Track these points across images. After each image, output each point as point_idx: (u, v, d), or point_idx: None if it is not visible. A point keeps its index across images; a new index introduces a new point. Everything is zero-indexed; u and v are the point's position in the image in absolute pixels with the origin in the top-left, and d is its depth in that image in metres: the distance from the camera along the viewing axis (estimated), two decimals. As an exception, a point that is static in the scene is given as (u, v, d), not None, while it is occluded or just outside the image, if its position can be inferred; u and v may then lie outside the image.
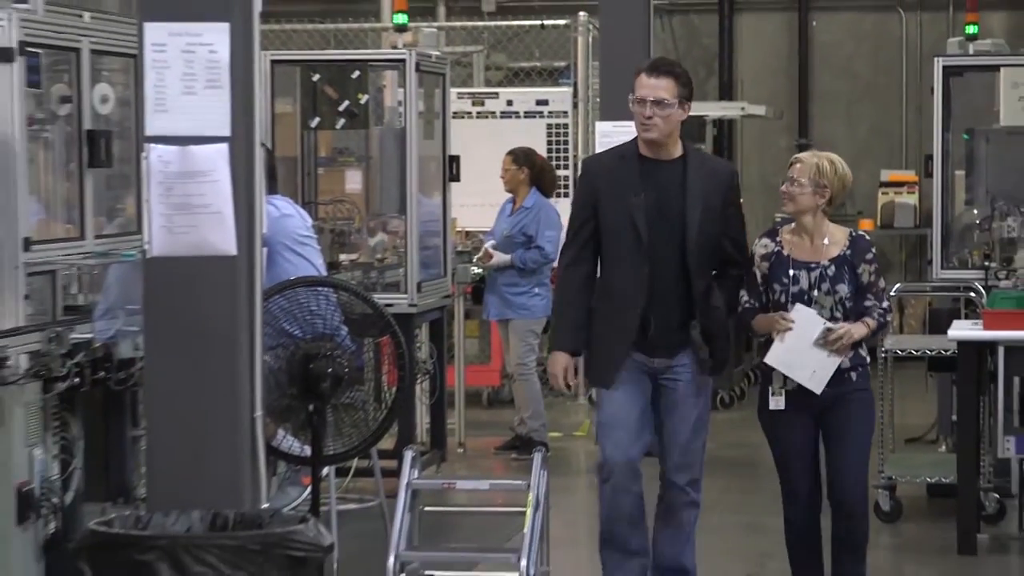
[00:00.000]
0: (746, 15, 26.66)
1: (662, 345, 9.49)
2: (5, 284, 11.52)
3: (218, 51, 8.66)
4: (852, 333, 8.87)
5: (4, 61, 11.57)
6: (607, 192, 9.56)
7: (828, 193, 9.01)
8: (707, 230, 9.36)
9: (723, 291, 9.50)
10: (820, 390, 8.94)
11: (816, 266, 8.95)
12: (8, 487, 11.28)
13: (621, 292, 9.42)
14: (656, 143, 9.47)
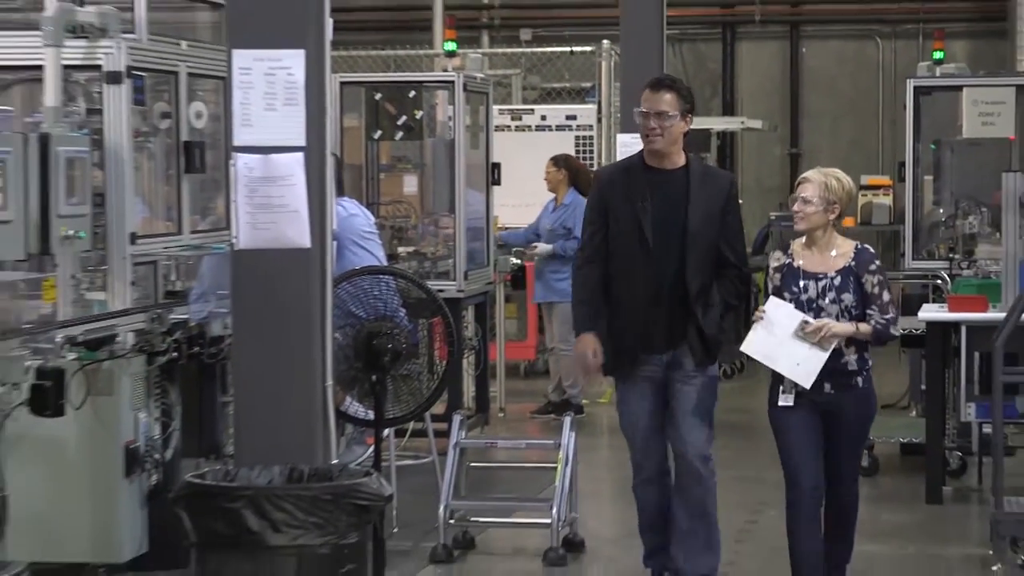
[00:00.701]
0: (745, 43, 26.59)
1: (666, 341, 9.29)
2: (115, 272, 11.56)
3: (295, 74, 8.64)
4: (831, 328, 8.55)
5: (114, 83, 11.60)
6: (616, 200, 9.36)
7: (838, 209, 8.71)
8: (707, 234, 9.17)
9: (721, 290, 9.28)
10: (809, 383, 8.57)
11: (823, 277, 8.65)
12: (117, 445, 11.31)
13: (629, 290, 9.27)
14: (660, 153, 9.29)
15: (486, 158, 18.38)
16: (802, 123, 26.08)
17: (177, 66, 12.60)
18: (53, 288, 10.91)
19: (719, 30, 26.54)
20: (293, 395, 8.82)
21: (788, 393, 8.66)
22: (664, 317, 9.27)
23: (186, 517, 8.68)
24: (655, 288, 9.23)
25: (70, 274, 11.17)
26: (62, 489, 11.07)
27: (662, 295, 9.24)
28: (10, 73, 11.60)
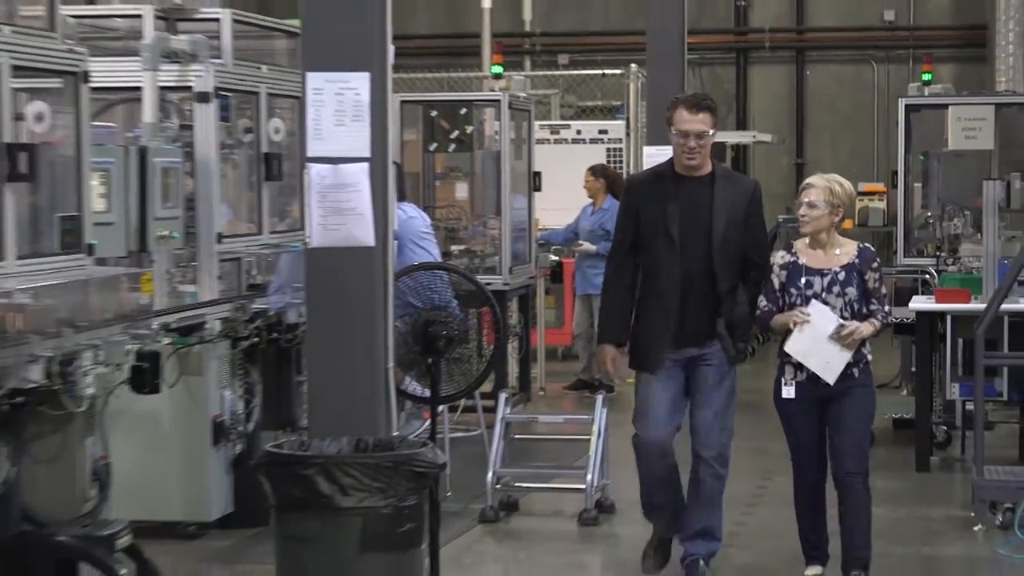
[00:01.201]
0: (756, 66, 26.54)
1: (692, 336, 9.00)
2: (204, 268, 11.66)
3: (361, 94, 8.68)
4: (862, 330, 8.41)
5: (203, 102, 11.69)
6: (646, 206, 9.12)
7: (841, 212, 8.58)
8: (731, 237, 8.92)
9: (746, 290, 9.01)
10: (833, 380, 8.47)
11: (828, 272, 8.51)
12: (206, 419, 11.41)
13: (658, 290, 9.00)
14: (697, 167, 9.02)
15: (528, 167, 18.39)
16: (806, 137, 26.02)
17: (258, 87, 12.69)
18: (150, 282, 10.98)
19: (733, 55, 26.48)
20: (359, 375, 8.87)
21: (789, 386, 8.55)
22: (692, 315, 9.00)
23: (266, 482, 8.75)
24: (682, 288, 8.94)
25: (165, 269, 11.26)
26: (158, 457, 11.19)
27: (689, 294, 8.95)
28: (113, 94, 11.68)
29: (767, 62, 26.73)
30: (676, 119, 8.83)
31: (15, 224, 9.33)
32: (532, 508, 12.36)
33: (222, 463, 11.58)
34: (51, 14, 9.98)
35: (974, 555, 10.92)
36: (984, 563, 10.70)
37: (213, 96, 11.84)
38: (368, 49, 8.73)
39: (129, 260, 10.87)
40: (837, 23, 26.26)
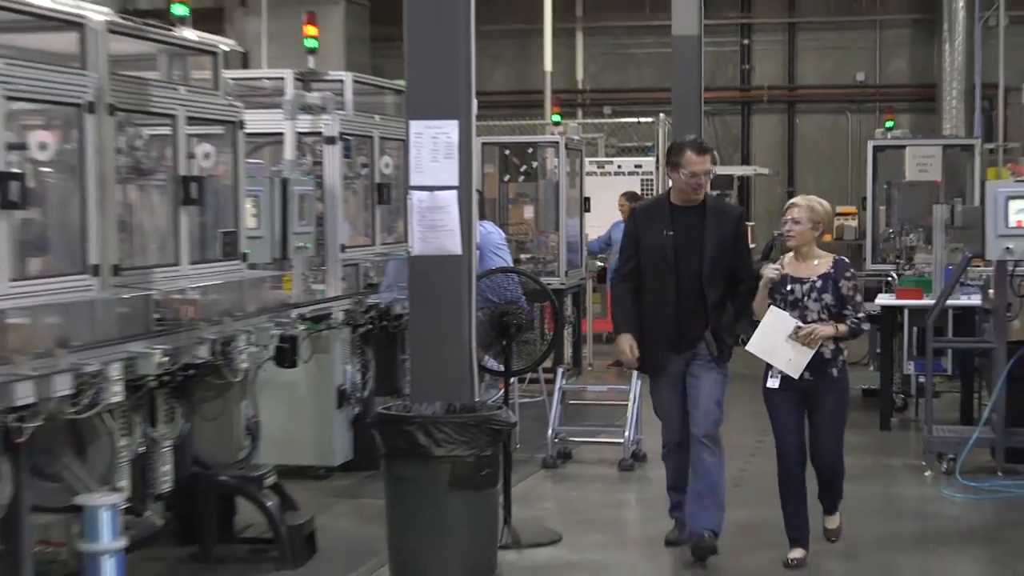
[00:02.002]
0: (757, 115, 26.46)
1: (687, 340, 8.52)
2: (330, 271, 11.74)
3: (452, 137, 8.71)
4: (819, 331, 7.94)
5: (330, 144, 11.77)
6: (646, 231, 8.68)
7: (821, 227, 8.27)
8: (719, 257, 8.45)
9: (734, 301, 8.57)
10: (797, 375, 8.06)
11: (807, 281, 8.09)
12: (332, 387, 11.47)
13: (657, 304, 8.57)
14: (696, 199, 8.61)
15: (580, 194, 18.39)
16: (796, 170, 25.91)
17: (372, 132, 12.74)
18: (289, 282, 11.05)
19: (739, 107, 26.38)
20: (449, 354, 8.89)
21: (775, 377, 8.15)
22: (685, 323, 8.55)
23: (378, 436, 8.78)
24: (677, 300, 8.53)
25: (301, 272, 11.32)
26: (295, 416, 11.24)
27: (683, 305, 8.53)
28: (262, 138, 11.74)
29: (765, 112, 26.62)
30: (685, 161, 8.42)
31: (188, 237, 9.41)
32: (582, 457, 12.36)
33: (344, 421, 11.66)
34: (216, 77, 10.06)
35: (924, 495, 10.90)
36: (932, 501, 10.68)
37: (338, 139, 11.90)
38: (457, 102, 8.76)
39: (274, 265, 10.94)
40: (820, 82, 26.15)
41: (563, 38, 25.00)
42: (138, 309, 8.68)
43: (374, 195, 12.86)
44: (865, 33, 25.77)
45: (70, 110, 8.31)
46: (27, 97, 8.01)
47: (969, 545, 9.45)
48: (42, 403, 7.44)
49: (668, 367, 8.60)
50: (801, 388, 8.09)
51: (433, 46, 8.78)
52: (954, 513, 10.32)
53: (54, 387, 7.50)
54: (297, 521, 9.14)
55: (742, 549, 8.25)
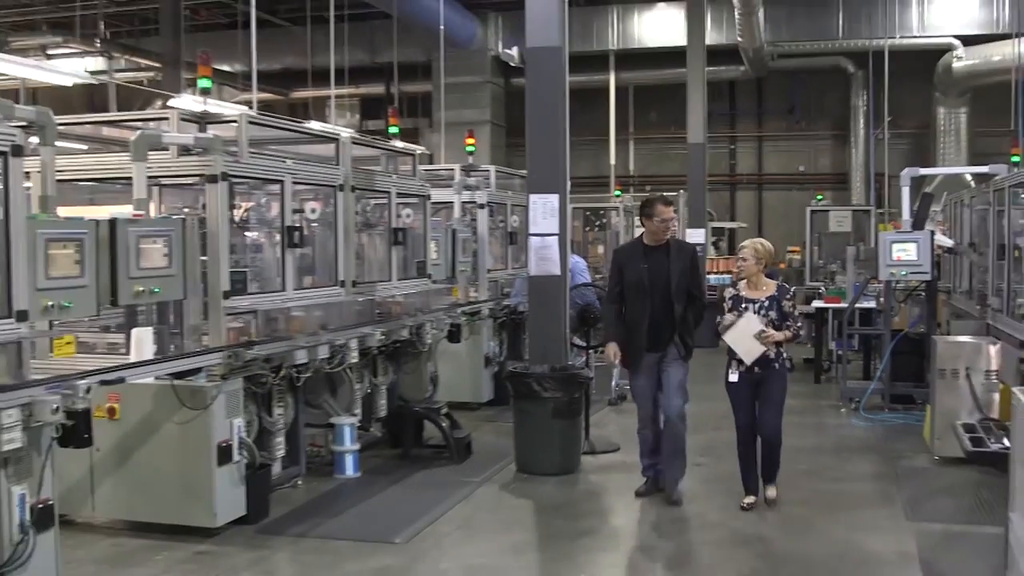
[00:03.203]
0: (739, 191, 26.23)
1: (659, 343, 7.61)
2: (481, 284, 11.71)
3: (554, 204, 8.71)
4: (775, 336, 7.23)
5: (481, 209, 11.77)
6: (626, 264, 7.78)
7: (764, 262, 7.50)
8: (682, 282, 7.63)
9: (692, 313, 7.70)
10: (750, 362, 7.27)
11: (758, 301, 7.38)
12: (481, 354, 11.45)
13: (636, 318, 7.65)
14: (662, 239, 7.68)
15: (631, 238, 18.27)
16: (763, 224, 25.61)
17: (506, 201, 12.76)
18: (456, 291, 11.11)
19: (728, 186, 26.17)
20: (552, 335, 8.87)
21: (734, 373, 7.37)
22: (658, 331, 7.61)
23: (509, 384, 8.82)
24: (651, 315, 7.60)
25: (463, 285, 11.38)
26: (459, 371, 11.20)
27: (656, 318, 7.60)
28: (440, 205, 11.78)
29: (744, 189, 26.30)
30: (657, 212, 7.64)
31: (397, 264, 9.53)
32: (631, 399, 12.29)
33: (489, 376, 11.58)
34: (414, 169, 10.18)
35: (840, 423, 10.80)
36: (845, 427, 10.58)
37: (486, 206, 11.95)
38: (558, 183, 8.76)
39: (447, 281, 11.01)
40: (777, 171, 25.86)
41: (621, 144, 24.91)
42: (367, 307, 8.82)
43: (507, 239, 12.92)
44: (804, 142, 25.50)
45: (329, 189, 8.48)
46: (305, 182, 8.19)
47: (867, 453, 9.38)
48: (311, 362, 7.60)
49: (645, 362, 7.69)
50: (753, 380, 7.36)
51: (543, 149, 8.79)
52: (858, 434, 10.24)
53: (318, 353, 7.66)
54: (460, 435, 9.18)
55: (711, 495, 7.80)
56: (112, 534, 6.85)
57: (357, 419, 8.65)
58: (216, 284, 6.91)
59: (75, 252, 5.43)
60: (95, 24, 20.85)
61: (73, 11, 19.88)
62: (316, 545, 6.63)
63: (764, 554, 6.48)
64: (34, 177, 5.84)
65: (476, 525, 7.15)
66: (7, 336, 5.02)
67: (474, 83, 23.13)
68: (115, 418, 6.68)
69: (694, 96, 18.19)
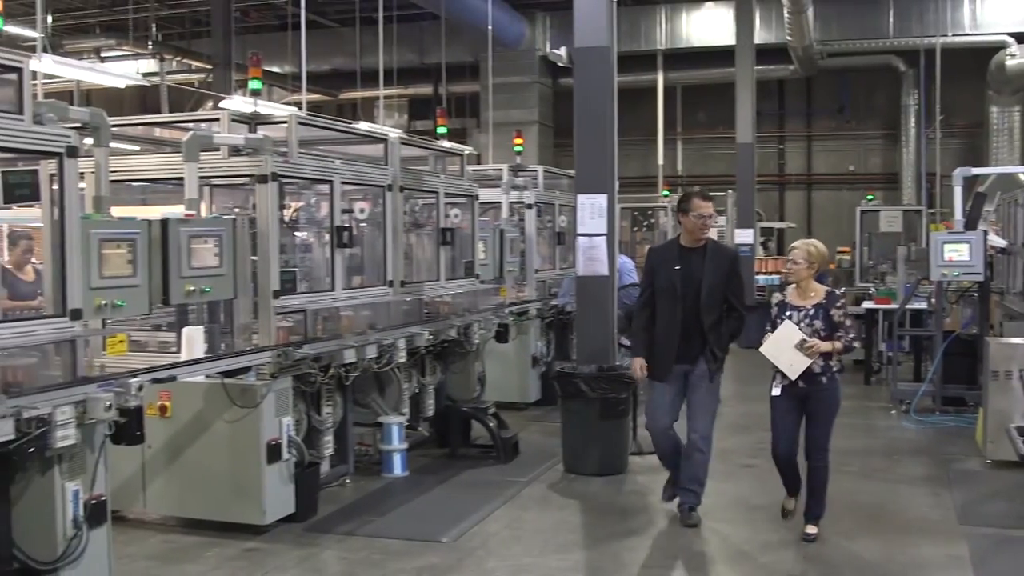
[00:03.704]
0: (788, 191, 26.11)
1: (688, 356, 6.98)
2: (529, 283, 11.73)
3: (602, 204, 8.68)
4: (819, 346, 6.49)
5: (529, 209, 11.78)
6: (659, 268, 7.12)
7: (816, 266, 6.77)
8: (715, 289, 6.94)
9: (728, 325, 7.04)
10: (794, 377, 6.54)
11: (803, 309, 6.66)
12: (528, 354, 11.42)
13: (666, 326, 7.00)
14: (701, 239, 7.07)
15: (679, 239, 18.13)
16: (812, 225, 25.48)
17: (554, 201, 12.73)
18: (504, 291, 11.09)
19: (777, 186, 26.05)
20: (599, 335, 8.85)
21: (778, 386, 6.66)
22: (687, 342, 6.98)
23: (556, 384, 8.79)
24: (682, 324, 6.96)
25: (511, 285, 11.38)
26: (506, 371, 11.18)
27: (686, 327, 6.97)
28: (488, 205, 11.79)
29: (793, 189, 26.23)
30: (694, 206, 7.00)
31: (445, 264, 9.54)
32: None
33: (536, 374, 11.53)
34: (462, 169, 10.20)
35: (890, 425, 10.68)
36: (895, 428, 10.47)
37: (534, 206, 11.95)
38: (606, 183, 8.73)
39: (494, 281, 11.00)
40: (826, 171, 25.72)
41: (669, 144, 24.85)
42: (415, 307, 8.85)
43: (555, 239, 12.90)
44: (854, 142, 25.33)
45: (378, 189, 8.50)
46: (354, 182, 8.23)
47: (918, 455, 9.27)
48: (360, 361, 7.62)
49: (671, 374, 7.03)
50: (798, 395, 6.61)
51: (591, 149, 8.76)
52: (909, 437, 10.12)
53: (367, 352, 7.68)
54: (508, 435, 9.18)
55: (763, 494, 7.51)
56: (163, 530, 6.91)
57: (405, 418, 8.67)
58: (266, 283, 6.96)
59: (128, 252, 5.49)
60: (147, 27, 21.11)
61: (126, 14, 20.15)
62: (364, 543, 6.66)
63: (813, 556, 6.43)
64: (88, 178, 5.93)
65: (523, 525, 7.14)
66: (62, 334, 5.07)
67: (522, 83, 23.15)
68: (167, 416, 6.75)
69: (743, 95, 18.10)
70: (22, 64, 4.90)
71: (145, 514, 7.04)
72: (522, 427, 10.08)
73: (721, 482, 8.11)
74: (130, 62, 21.75)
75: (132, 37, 20.35)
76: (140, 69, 21.17)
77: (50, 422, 4.73)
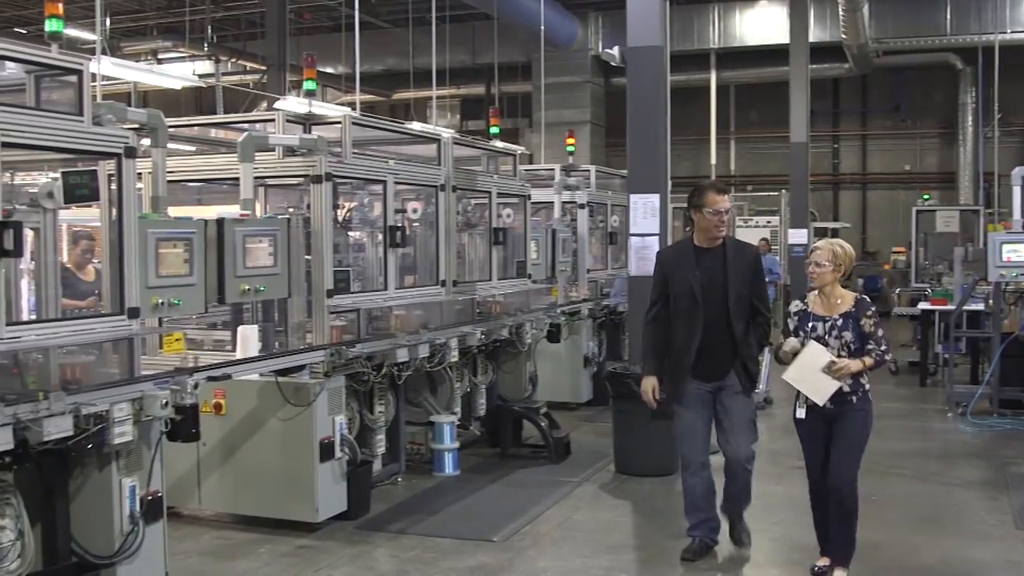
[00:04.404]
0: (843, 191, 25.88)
1: (715, 372, 6.15)
2: (580, 283, 11.71)
3: (656, 204, 8.64)
4: (850, 367, 5.61)
5: (582, 209, 11.77)
6: (673, 272, 6.29)
7: (843, 269, 5.90)
8: (742, 293, 6.13)
9: (755, 332, 6.20)
10: (823, 403, 5.67)
11: (829, 319, 5.76)
12: (580, 354, 11.43)
13: (683, 339, 6.15)
14: (718, 239, 6.25)
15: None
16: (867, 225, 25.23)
17: (607, 201, 12.71)
18: (556, 290, 11.09)
19: (831, 186, 25.84)
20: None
21: (802, 408, 5.80)
22: (713, 355, 6.13)
23: (608, 384, 8.78)
24: (704, 334, 6.09)
25: (563, 285, 11.36)
26: (558, 372, 11.22)
27: (709, 339, 6.11)
28: (540, 205, 11.77)
29: (847, 189, 26.00)
30: (708, 200, 6.23)
31: (497, 264, 9.54)
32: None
33: (588, 373, 11.54)
34: (514, 169, 10.20)
35: (947, 427, 10.56)
36: (952, 431, 10.35)
37: (586, 206, 11.94)
38: (658, 183, 8.68)
39: (546, 281, 10.99)
40: (881, 170, 25.47)
41: (722, 143, 24.74)
42: (467, 306, 8.87)
43: (607, 239, 12.86)
44: (910, 141, 25.06)
45: (430, 189, 8.53)
46: (407, 182, 8.26)
47: (974, 458, 9.15)
48: (412, 361, 7.65)
49: (695, 394, 6.20)
50: (825, 417, 5.79)
51: (644, 149, 8.72)
52: (965, 440, 10.00)
53: (419, 351, 7.71)
54: (559, 435, 9.18)
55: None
56: (217, 527, 6.98)
57: (457, 418, 8.69)
58: (320, 283, 7.01)
59: (184, 251, 5.55)
60: (203, 29, 21.35)
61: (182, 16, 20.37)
62: (415, 542, 6.68)
63: (868, 560, 6.35)
64: (145, 178, 6.00)
65: (574, 525, 7.13)
66: (119, 332, 5.13)
67: (574, 83, 23.13)
68: (221, 413, 6.81)
69: (797, 94, 17.95)
70: (82, 66, 4.96)
71: (200, 511, 7.11)
72: (574, 427, 10.07)
73: (773, 484, 8.05)
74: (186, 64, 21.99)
75: (188, 39, 20.57)
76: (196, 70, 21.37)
77: (108, 419, 4.79)
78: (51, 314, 5.08)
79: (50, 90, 5.05)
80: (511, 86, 23.73)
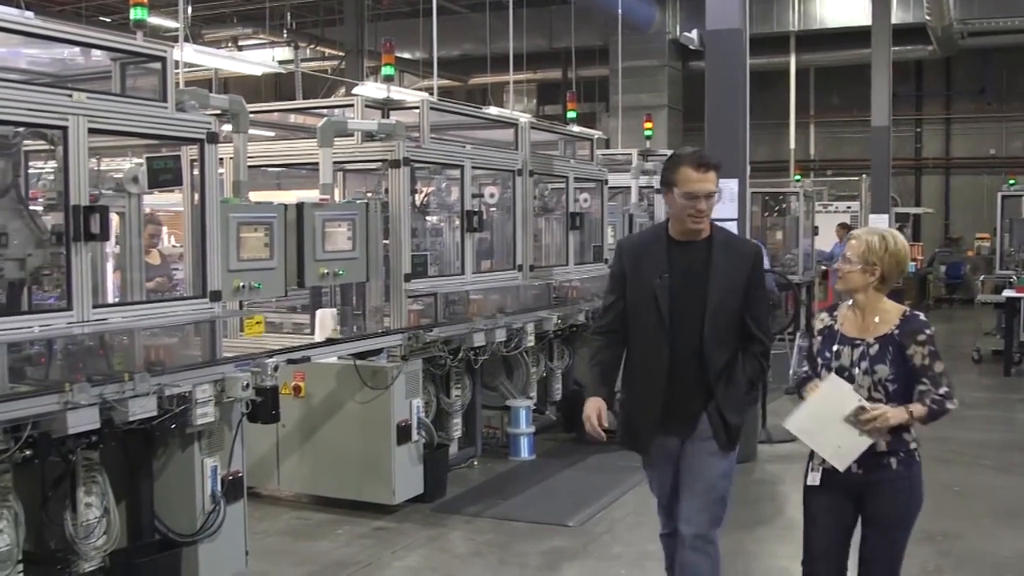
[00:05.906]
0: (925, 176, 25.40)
1: (683, 418, 4.23)
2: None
3: (734, 189, 8.53)
4: (888, 416, 3.72)
5: (659, 193, 11.61)
6: (634, 273, 4.29)
7: (878, 271, 3.90)
8: (728, 306, 4.19)
9: (747, 366, 4.28)
10: (843, 467, 3.82)
11: (860, 343, 3.88)
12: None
13: (645, 371, 4.26)
14: (698, 231, 4.23)
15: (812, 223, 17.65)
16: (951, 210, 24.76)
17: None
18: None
19: (913, 171, 25.37)
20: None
21: (815, 471, 3.98)
22: (681, 396, 4.20)
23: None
24: (671, 366, 4.17)
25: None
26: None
27: (678, 373, 4.18)
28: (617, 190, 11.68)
29: (930, 174, 25.49)
30: (680, 179, 4.20)
31: (573, 249, 9.52)
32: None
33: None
34: (591, 153, 10.16)
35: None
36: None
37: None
38: (737, 167, 8.57)
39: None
40: (965, 155, 24.95)
41: (801, 127, 24.41)
42: (543, 291, 8.88)
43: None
44: (996, 124, 24.50)
45: (507, 173, 8.53)
46: (484, 166, 8.27)
47: (1060, 450, 8.99)
48: (488, 345, 7.68)
49: (657, 446, 4.38)
50: (850, 487, 3.89)
51: (722, 133, 8.62)
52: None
53: (496, 336, 7.73)
54: (635, 420, 9.15)
55: None
56: (296, 507, 7.08)
57: (533, 402, 8.70)
58: (398, 267, 7.05)
59: (265, 235, 5.60)
60: (282, 15, 21.56)
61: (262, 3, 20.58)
62: (491, 525, 6.71)
63: (949, 552, 6.25)
64: (226, 163, 6.07)
65: (649, 511, 7.04)
66: (202, 315, 5.20)
67: (652, 67, 22.94)
68: (300, 396, 6.90)
69: (879, 77, 17.65)
70: (165, 54, 5.04)
71: (279, 491, 7.22)
72: (649, 413, 10.01)
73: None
74: (266, 50, 22.22)
75: (268, 26, 20.78)
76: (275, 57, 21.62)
77: (190, 400, 4.87)
78: (135, 297, 5.16)
79: (135, 77, 5.13)
80: (588, 70, 23.59)
